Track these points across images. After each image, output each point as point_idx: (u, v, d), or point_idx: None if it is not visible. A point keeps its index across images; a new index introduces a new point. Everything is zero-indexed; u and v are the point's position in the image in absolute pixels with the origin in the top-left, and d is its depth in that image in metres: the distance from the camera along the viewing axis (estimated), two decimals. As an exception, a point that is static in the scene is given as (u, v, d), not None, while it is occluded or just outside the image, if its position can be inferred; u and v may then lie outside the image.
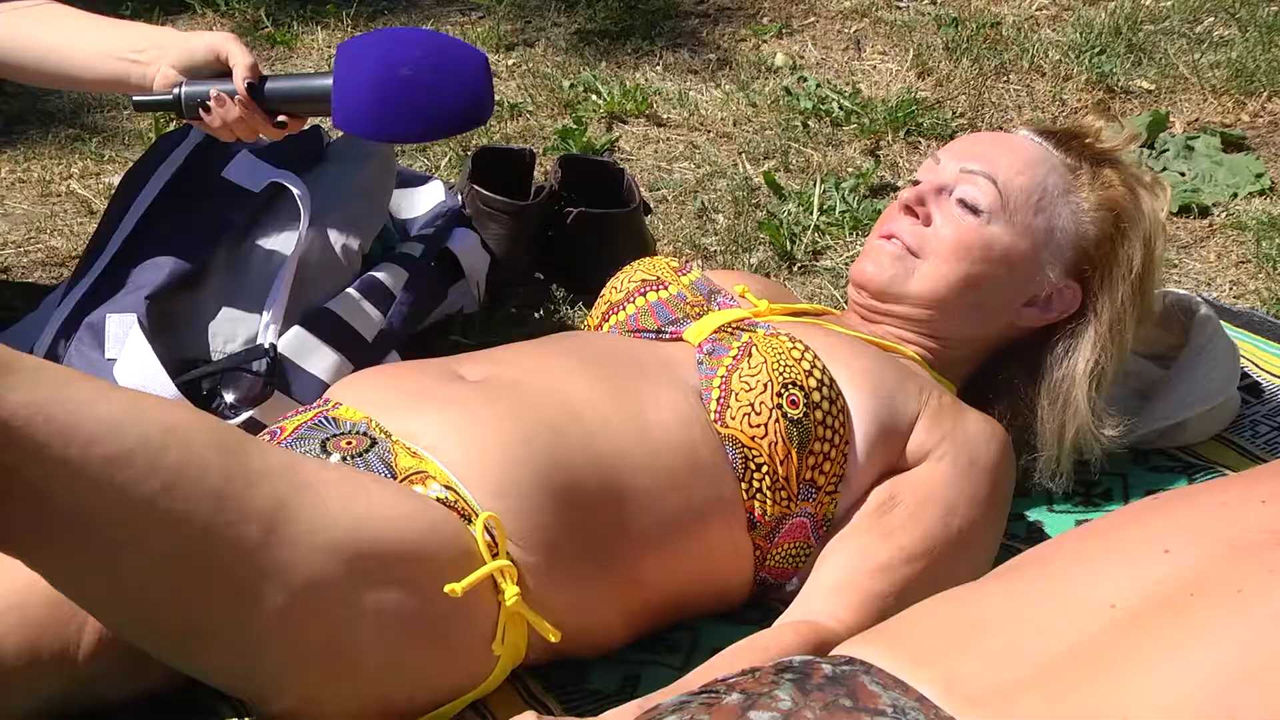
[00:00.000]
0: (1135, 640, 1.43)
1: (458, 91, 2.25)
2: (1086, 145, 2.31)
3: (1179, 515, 1.57)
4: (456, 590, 1.80)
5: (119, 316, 2.37)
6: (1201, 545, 1.50)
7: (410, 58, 2.22)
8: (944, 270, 2.23)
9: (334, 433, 1.95)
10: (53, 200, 3.17)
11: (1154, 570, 1.49)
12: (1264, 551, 1.47)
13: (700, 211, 3.16)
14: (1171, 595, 1.46)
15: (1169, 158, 3.31)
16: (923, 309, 2.24)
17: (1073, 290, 2.25)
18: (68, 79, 2.37)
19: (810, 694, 1.43)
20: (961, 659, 1.46)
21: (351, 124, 2.24)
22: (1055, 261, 2.24)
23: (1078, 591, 1.50)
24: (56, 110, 3.46)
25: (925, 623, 1.59)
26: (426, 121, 2.26)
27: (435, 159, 3.29)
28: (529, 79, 3.60)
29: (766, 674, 1.48)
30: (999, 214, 2.22)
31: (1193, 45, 3.76)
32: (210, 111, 2.24)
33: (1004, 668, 1.44)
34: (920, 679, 1.44)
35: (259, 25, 3.80)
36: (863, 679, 1.44)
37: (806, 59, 3.74)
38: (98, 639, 1.85)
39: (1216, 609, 1.43)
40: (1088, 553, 1.58)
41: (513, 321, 2.80)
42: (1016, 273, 2.23)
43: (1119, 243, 2.25)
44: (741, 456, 2.04)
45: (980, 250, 2.22)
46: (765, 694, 1.44)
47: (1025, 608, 1.51)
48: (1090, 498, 2.37)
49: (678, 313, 2.23)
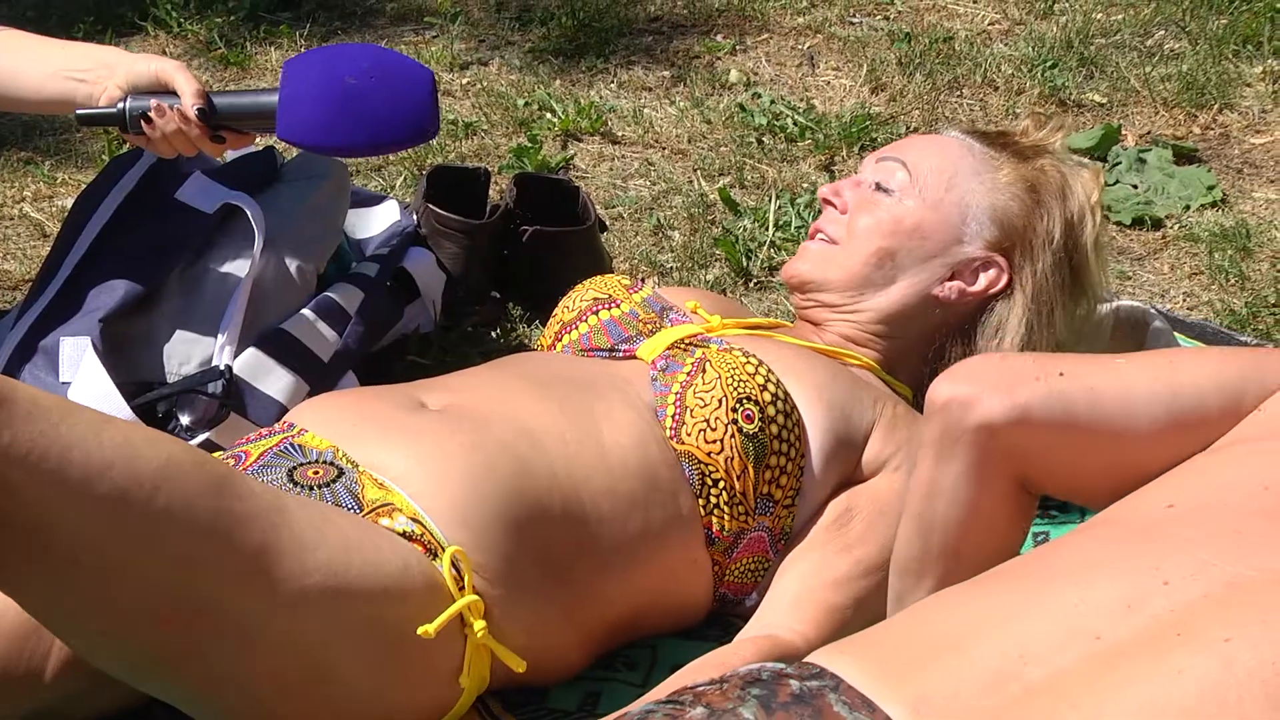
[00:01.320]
0: (1111, 679, 1.40)
1: (402, 103, 2.25)
2: (1012, 141, 2.34)
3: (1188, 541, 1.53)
4: (430, 632, 1.81)
5: (73, 339, 2.36)
6: (1201, 582, 1.47)
7: (355, 69, 2.22)
8: (858, 248, 2.27)
9: (300, 461, 1.95)
10: (5, 223, 3.15)
11: (1149, 604, 1.45)
12: (1262, 594, 1.44)
13: (656, 228, 3.16)
14: (1159, 633, 1.42)
15: (1121, 170, 3.33)
16: (845, 290, 2.28)
17: (996, 262, 2.26)
18: (14, 101, 2.36)
19: (774, 713, 1.42)
20: (934, 679, 1.44)
21: (295, 134, 2.23)
22: (976, 236, 2.27)
23: (1067, 616, 1.46)
24: (8, 133, 3.44)
25: (901, 634, 1.56)
26: (370, 131, 2.25)
27: (390, 178, 3.28)
28: (483, 97, 3.60)
29: (734, 687, 1.47)
30: (909, 191, 2.28)
31: (1144, 58, 3.78)
32: (151, 123, 2.23)
33: (976, 694, 1.42)
34: (890, 699, 1.42)
35: (212, 46, 3.79)
36: (829, 698, 1.43)
37: (761, 75, 3.75)
38: (64, 659, 1.85)
39: (1200, 656, 1.39)
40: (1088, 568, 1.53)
41: (469, 340, 2.80)
42: (930, 243, 2.27)
43: (1037, 214, 2.28)
44: (698, 472, 2.04)
45: (890, 224, 2.27)
46: (730, 710, 1.43)
47: (1010, 628, 1.48)
48: (1046, 510, 2.37)
49: (630, 330, 2.23)
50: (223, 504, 1.70)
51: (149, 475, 1.65)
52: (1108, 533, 1.63)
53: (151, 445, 1.69)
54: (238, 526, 1.70)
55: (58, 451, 1.59)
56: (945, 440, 1.78)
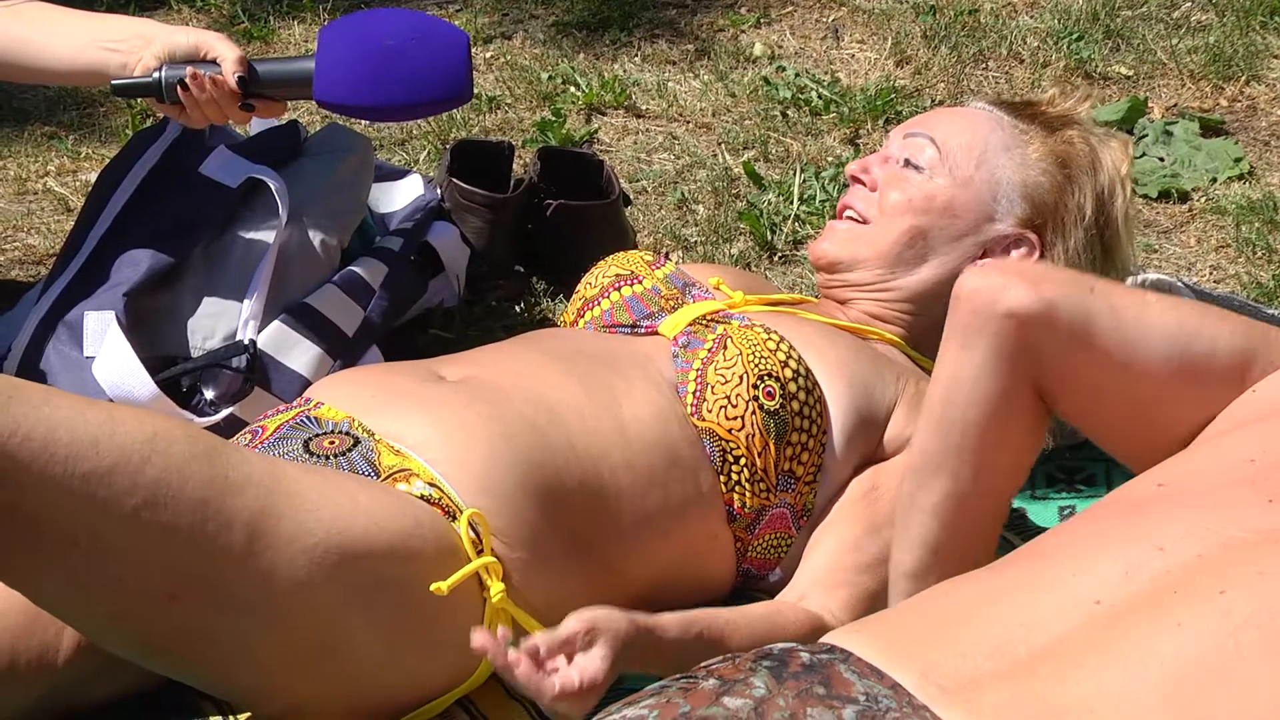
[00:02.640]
0: (1112, 636, 1.43)
1: (439, 64, 2.25)
2: (1039, 111, 2.32)
3: (1179, 511, 1.56)
4: (443, 589, 1.80)
5: (97, 314, 2.36)
6: (1195, 543, 1.49)
7: (392, 31, 2.22)
8: (890, 225, 2.25)
9: (316, 432, 1.95)
10: (29, 198, 3.15)
11: (1146, 569, 1.48)
12: (1255, 551, 1.47)
13: (680, 202, 3.15)
14: (1156, 593, 1.46)
15: (1148, 143, 3.31)
16: (875, 269, 2.26)
17: (1027, 239, 2.25)
18: (47, 72, 2.36)
19: (785, 681, 1.44)
20: (940, 650, 1.46)
21: (332, 93, 2.23)
22: (1007, 213, 2.25)
23: (1066, 586, 1.50)
24: (32, 108, 3.44)
25: (910, 614, 1.59)
26: (406, 90, 2.25)
27: (414, 153, 3.28)
28: (507, 71, 3.59)
29: (745, 660, 1.48)
30: (939, 168, 2.26)
31: (1170, 30, 3.76)
32: (187, 90, 2.22)
33: (981, 659, 1.44)
34: (898, 669, 1.44)
35: (235, 20, 3.79)
36: (839, 667, 1.45)
37: (785, 48, 3.73)
38: (77, 642, 1.85)
39: (1197, 608, 1.42)
40: (1085, 545, 1.57)
41: (493, 314, 2.79)
42: (961, 222, 2.25)
43: (1068, 190, 2.26)
44: (719, 449, 2.04)
45: (922, 202, 2.25)
46: (741, 680, 1.45)
47: (1012, 601, 1.51)
48: (1074, 484, 2.38)
49: (652, 306, 2.22)
50: (215, 472, 1.70)
51: (136, 448, 1.65)
52: (1101, 513, 1.66)
53: (137, 420, 1.69)
54: (232, 493, 1.70)
55: (43, 432, 1.59)
56: (970, 327, 1.77)
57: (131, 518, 1.64)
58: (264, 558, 1.71)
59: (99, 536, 1.64)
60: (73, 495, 1.61)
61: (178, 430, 1.71)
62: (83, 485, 1.61)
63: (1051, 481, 2.38)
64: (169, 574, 1.69)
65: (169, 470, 1.66)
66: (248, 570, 1.71)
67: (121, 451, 1.63)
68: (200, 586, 1.70)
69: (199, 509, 1.67)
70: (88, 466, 1.61)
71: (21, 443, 1.58)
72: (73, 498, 1.61)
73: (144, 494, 1.64)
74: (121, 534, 1.65)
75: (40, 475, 1.59)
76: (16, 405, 1.59)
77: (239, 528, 1.70)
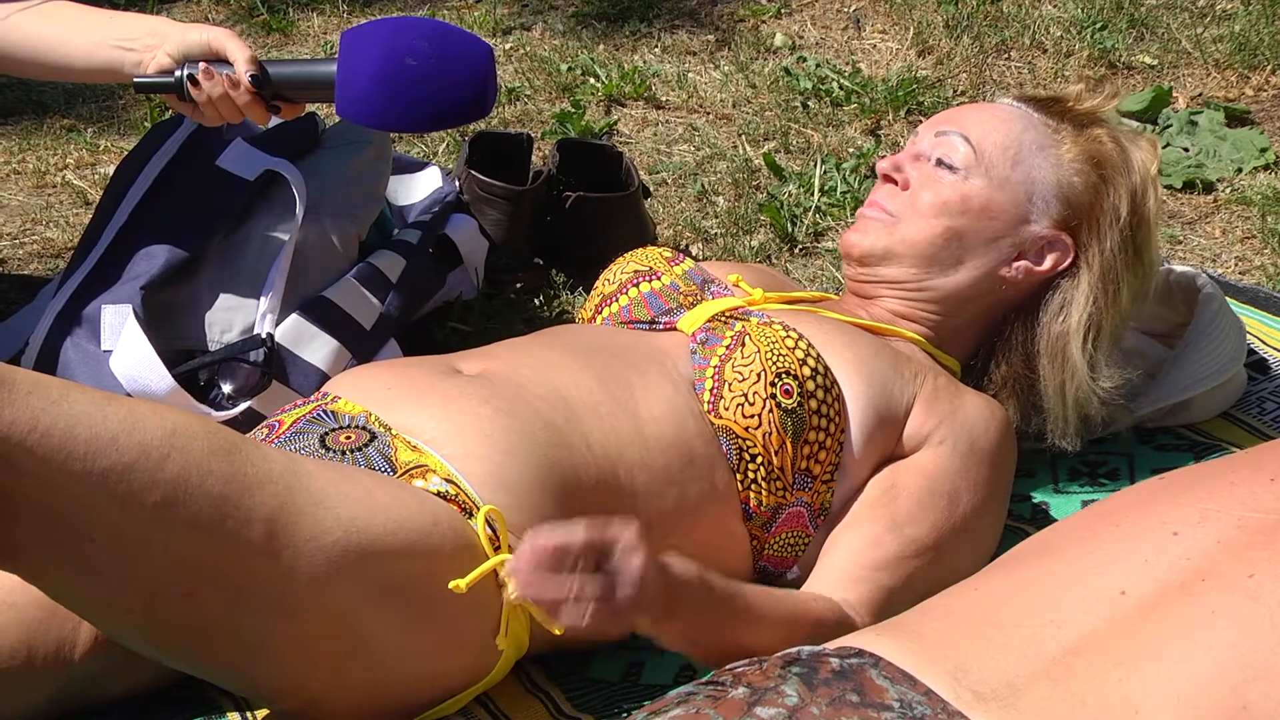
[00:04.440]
0: (1147, 629, 1.42)
1: (462, 82, 2.22)
2: (1067, 108, 2.30)
3: (1186, 497, 1.55)
4: (461, 586, 1.79)
5: (114, 307, 2.36)
6: (1210, 527, 1.49)
7: (415, 47, 2.20)
8: (925, 226, 2.22)
9: (333, 427, 1.94)
10: (48, 191, 3.15)
11: (1164, 555, 1.48)
12: (1275, 533, 1.46)
13: (700, 194, 3.14)
14: (1183, 581, 1.45)
15: (1172, 133, 3.29)
16: (909, 268, 2.24)
17: (1062, 241, 2.23)
18: (62, 69, 2.36)
19: (817, 689, 1.42)
20: (971, 653, 1.45)
21: (355, 113, 2.21)
22: (1042, 214, 2.23)
23: (1088, 579, 1.49)
24: (51, 101, 3.44)
25: (935, 616, 1.58)
26: (431, 113, 2.23)
27: (432, 144, 3.27)
28: (526, 63, 3.58)
29: (774, 666, 1.47)
30: (975, 168, 2.23)
31: (1195, 19, 3.74)
32: (198, 86, 2.22)
33: (1014, 660, 1.43)
34: (929, 673, 1.43)
35: (254, 12, 3.78)
36: (870, 673, 1.43)
37: (806, 39, 3.71)
38: (94, 637, 1.84)
39: (1228, 594, 1.42)
40: (1095, 539, 1.56)
41: (511, 307, 2.78)
42: (998, 224, 2.22)
43: (1103, 191, 2.24)
44: (736, 447, 2.03)
45: (959, 203, 2.22)
46: (772, 688, 1.43)
47: (1035, 598, 1.50)
48: (1096, 478, 2.36)
49: (671, 302, 2.21)
50: (234, 469, 1.69)
51: (156, 444, 1.63)
52: (1107, 507, 1.66)
53: (157, 415, 1.67)
54: (251, 489, 1.69)
55: (62, 427, 1.58)
56: None
57: (151, 514, 1.63)
58: (283, 555, 1.70)
59: (118, 532, 1.63)
60: (92, 491, 1.60)
61: (197, 426, 1.70)
62: (102, 481, 1.60)
63: (1074, 475, 2.36)
64: (187, 570, 1.68)
65: (189, 467, 1.65)
66: (266, 567, 1.70)
67: (141, 447, 1.63)
68: (218, 583, 1.69)
69: (218, 506, 1.67)
70: (107, 462, 1.60)
71: (41, 438, 1.57)
72: (92, 493, 1.60)
73: (163, 490, 1.63)
74: (140, 530, 1.64)
75: (59, 470, 1.58)
76: (36, 400, 1.58)
77: (258, 524, 1.69)
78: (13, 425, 1.56)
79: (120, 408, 1.65)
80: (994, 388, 2.26)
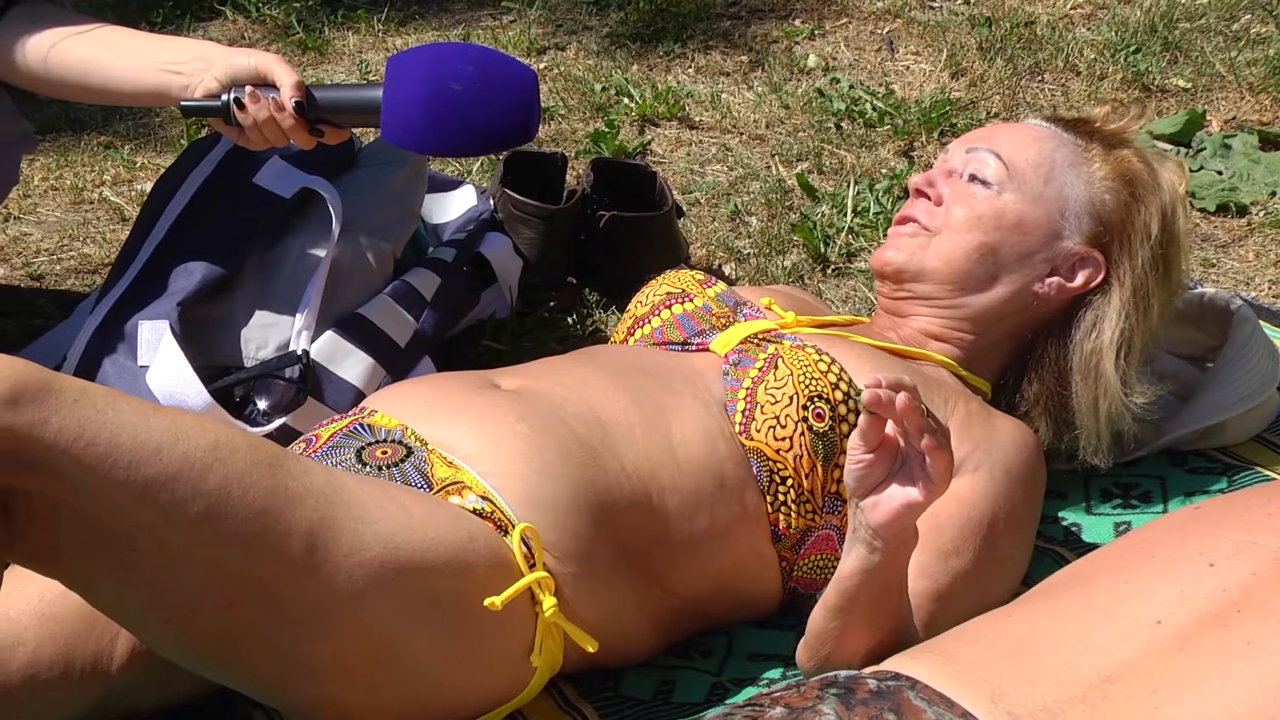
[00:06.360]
0: (1182, 659, 1.41)
1: (508, 109, 2.23)
2: (1095, 128, 2.31)
3: (1222, 528, 1.55)
4: (496, 604, 1.80)
5: (151, 323, 2.37)
6: (1246, 559, 1.49)
7: (461, 73, 2.21)
8: (959, 241, 2.23)
9: (369, 441, 1.95)
10: (85, 208, 3.17)
11: (1200, 586, 1.48)
12: None
13: (733, 214, 3.14)
14: (1219, 612, 1.44)
15: (1206, 156, 3.29)
16: (943, 284, 2.24)
17: (1094, 258, 2.23)
18: (111, 93, 2.38)
19: (854, 709, 1.42)
20: (1007, 677, 1.45)
21: (401, 139, 2.22)
22: (1074, 231, 2.23)
23: (1124, 609, 1.49)
24: (88, 118, 3.46)
25: (969, 641, 1.58)
26: (476, 138, 2.25)
27: (467, 163, 3.28)
28: (560, 82, 3.59)
29: (811, 688, 1.47)
30: (1008, 184, 2.24)
31: (1229, 43, 3.73)
32: (244, 109, 2.23)
33: (1050, 686, 1.43)
34: (966, 696, 1.43)
35: (290, 31, 3.80)
36: (908, 694, 1.43)
37: (839, 60, 3.72)
38: (131, 648, 1.85)
39: (1264, 626, 1.41)
40: (1131, 568, 1.56)
41: (545, 326, 2.79)
42: (1031, 240, 2.23)
43: (1135, 209, 2.24)
44: (766, 469, 2.03)
45: (993, 219, 2.22)
46: (809, 708, 1.43)
47: (1070, 626, 1.50)
48: (1129, 500, 2.35)
49: (703, 324, 2.21)
50: (276, 482, 1.69)
51: (199, 456, 1.64)
52: (1141, 537, 1.66)
53: (200, 427, 1.68)
54: (292, 503, 1.70)
55: (107, 436, 1.59)
56: None
57: (193, 525, 1.64)
58: (321, 570, 1.71)
59: (160, 542, 1.64)
60: (135, 500, 1.61)
61: (240, 439, 1.71)
62: (145, 491, 1.61)
63: (1106, 497, 2.36)
64: (227, 582, 1.69)
65: (231, 479, 1.66)
66: (305, 581, 1.71)
67: (185, 459, 1.64)
68: (257, 595, 1.70)
69: (259, 519, 1.68)
70: (151, 472, 1.61)
71: (86, 446, 1.58)
72: (135, 503, 1.61)
73: (206, 502, 1.64)
74: (182, 541, 1.65)
75: (103, 479, 1.59)
76: (82, 409, 1.59)
77: (298, 539, 1.70)
78: (59, 433, 1.57)
79: (164, 418, 1.66)
80: (1026, 405, 2.25)
